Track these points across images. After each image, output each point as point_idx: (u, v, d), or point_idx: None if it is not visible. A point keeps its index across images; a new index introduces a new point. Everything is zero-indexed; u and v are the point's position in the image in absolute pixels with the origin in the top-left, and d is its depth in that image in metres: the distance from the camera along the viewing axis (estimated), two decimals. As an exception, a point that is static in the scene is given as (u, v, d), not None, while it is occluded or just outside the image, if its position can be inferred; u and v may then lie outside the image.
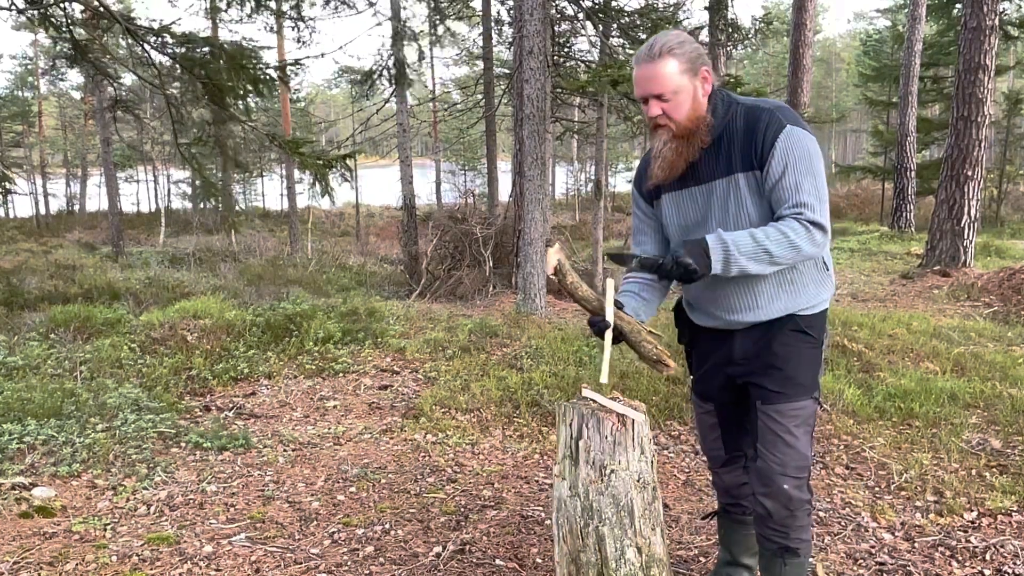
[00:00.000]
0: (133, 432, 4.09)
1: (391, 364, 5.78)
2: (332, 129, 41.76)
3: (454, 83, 34.05)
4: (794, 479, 2.18)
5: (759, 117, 2.02)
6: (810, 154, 1.98)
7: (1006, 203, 21.77)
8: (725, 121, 2.06)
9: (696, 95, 2.03)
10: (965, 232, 9.68)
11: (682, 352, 2.56)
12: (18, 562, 2.86)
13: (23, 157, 34.02)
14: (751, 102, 2.08)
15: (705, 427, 2.45)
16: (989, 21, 9.25)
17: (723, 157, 2.06)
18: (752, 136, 2.01)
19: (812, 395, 2.20)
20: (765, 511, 2.22)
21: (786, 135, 1.98)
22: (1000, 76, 21.72)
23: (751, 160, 2.02)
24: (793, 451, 2.17)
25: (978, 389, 4.62)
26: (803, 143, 1.98)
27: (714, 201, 2.10)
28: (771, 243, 1.94)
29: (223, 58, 8.01)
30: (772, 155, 1.98)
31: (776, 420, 2.17)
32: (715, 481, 2.56)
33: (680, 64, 1.99)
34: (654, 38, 2.03)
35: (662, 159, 2.09)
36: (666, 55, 1.98)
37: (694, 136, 2.05)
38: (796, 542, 2.23)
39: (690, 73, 2.01)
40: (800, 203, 1.96)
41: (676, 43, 2.00)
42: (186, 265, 16.12)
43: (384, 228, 30.40)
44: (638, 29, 12.08)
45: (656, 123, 2.07)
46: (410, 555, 2.96)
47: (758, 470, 2.22)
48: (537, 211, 8.12)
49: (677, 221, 2.21)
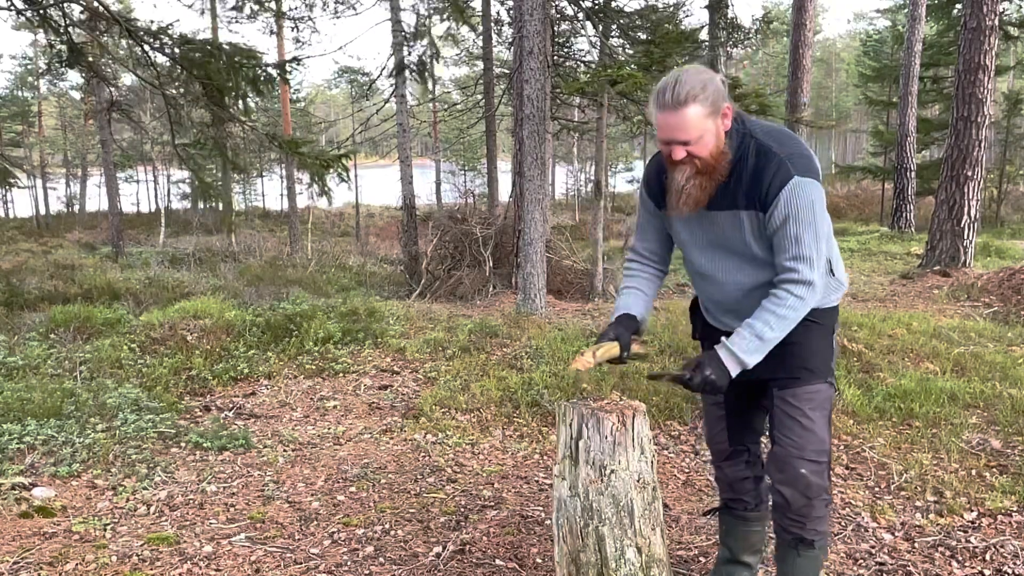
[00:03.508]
0: (133, 432, 4.09)
1: (391, 364, 5.78)
2: (332, 129, 41.75)
3: (454, 83, 34.06)
4: (812, 463, 2.17)
5: (768, 163, 2.02)
6: (812, 205, 2.00)
7: (1006, 203, 21.77)
8: (738, 155, 2.06)
9: (719, 133, 2.03)
10: (965, 232, 9.68)
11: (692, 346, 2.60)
12: (18, 562, 2.86)
13: (23, 157, 34.00)
14: (764, 139, 2.06)
15: (712, 418, 2.46)
16: (989, 21, 9.25)
17: (730, 191, 2.08)
18: (759, 179, 2.03)
19: (826, 379, 2.21)
20: (783, 499, 2.21)
21: (791, 187, 1.99)
22: (1000, 76, 21.73)
23: (755, 201, 2.04)
24: (810, 434, 2.17)
25: (978, 389, 4.62)
26: (807, 194, 1.99)
27: (718, 230, 2.15)
28: (771, 330, 2.05)
29: (222, 58, 8.01)
30: (776, 204, 2.00)
31: (791, 404, 2.19)
32: (717, 475, 2.56)
33: (704, 109, 1.97)
34: (676, 80, 1.98)
35: (686, 195, 2.09)
36: (691, 102, 1.95)
37: (716, 171, 2.06)
38: (812, 533, 2.22)
39: (713, 116, 2.00)
40: (797, 256, 2.02)
41: (699, 87, 1.97)
42: (186, 265, 16.12)
43: (384, 228, 30.41)
44: (638, 29, 12.09)
45: (679, 161, 2.06)
46: (410, 555, 2.96)
47: (775, 455, 2.22)
48: (537, 211, 8.12)
49: (686, 237, 2.25)
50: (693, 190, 2.07)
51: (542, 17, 7.96)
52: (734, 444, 2.43)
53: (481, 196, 21.25)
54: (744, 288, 2.18)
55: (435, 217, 15.16)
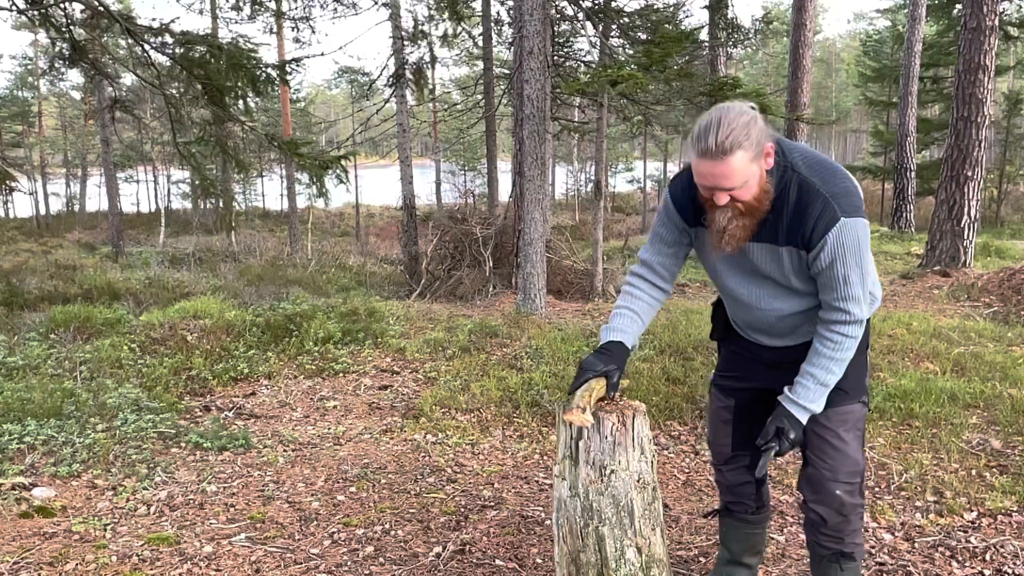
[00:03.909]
0: (133, 432, 4.09)
1: (391, 364, 5.78)
2: (332, 129, 41.78)
3: (454, 83, 34.06)
4: (846, 484, 2.16)
5: (812, 201, 1.94)
6: (859, 245, 1.95)
7: (1006, 203, 21.79)
8: (779, 189, 1.98)
9: (762, 175, 1.95)
10: (965, 232, 9.67)
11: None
12: (18, 562, 2.86)
13: (23, 157, 34.02)
14: (806, 174, 1.97)
15: (718, 421, 2.44)
16: (989, 21, 9.24)
17: (769, 223, 2.00)
18: (803, 219, 1.95)
19: (860, 399, 2.18)
20: (818, 517, 2.20)
21: (838, 229, 1.92)
22: (1000, 76, 21.73)
23: (797, 239, 1.98)
24: (843, 456, 2.16)
25: (978, 389, 4.62)
26: (853, 235, 1.93)
27: (754, 260, 2.09)
28: (831, 375, 2.05)
29: (222, 58, 8.01)
30: (822, 247, 1.94)
31: (824, 425, 2.15)
32: (718, 478, 2.54)
33: (749, 154, 1.88)
34: (718, 125, 1.87)
35: (729, 236, 2.00)
36: (736, 150, 1.85)
37: (759, 211, 1.98)
38: (851, 546, 2.22)
39: (757, 159, 1.91)
40: (846, 296, 1.99)
41: (743, 133, 1.86)
42: (186, 265, 16.12)
43: (384, 228, 30.44)
44: (638, 29, 12.09)
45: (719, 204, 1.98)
46: (410, 555, 2.96)
47: (808, 476, 2.21)
48: (537, 211, 8.12)
49: (718, 263, 2.19)
50: (737, 231, 1.99)
51: (542, 17, 7.96)
52: (737, 449, 2.41)
53: (481, 196, 21.26)
54: (781, 314, 2.15)
55: (435, 217, 15.18)
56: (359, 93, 24.53)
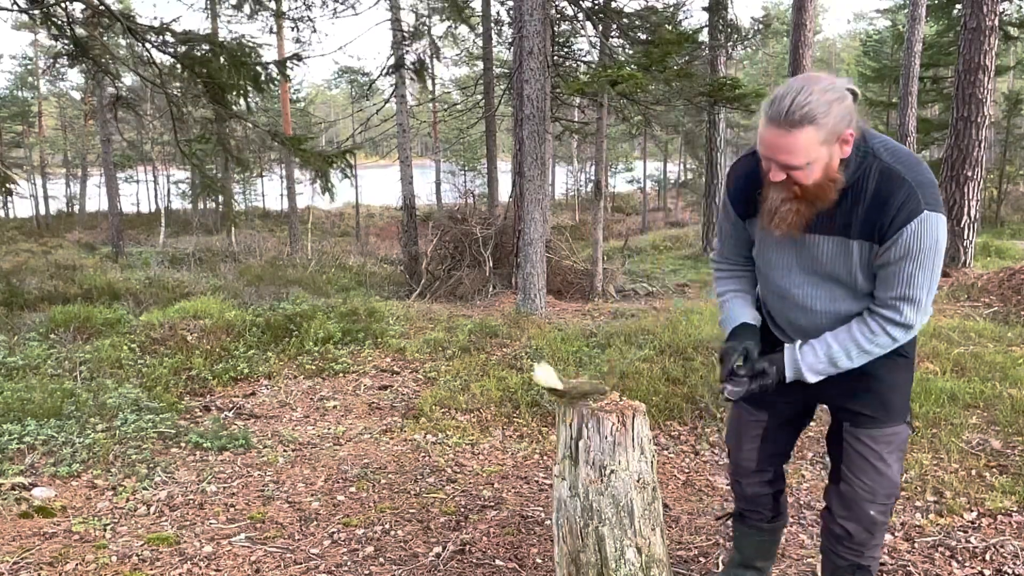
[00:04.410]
0: (133, 432, 4.09)
1: (391, 364, 5.78)
2: (332, 129, 41.77)
3: (454, 83, 34.05)
4: (881, 505, 2.08)
5: (895, 190, 1.75)
6: (937, 244, 1.76)
7: (1006, 203, 21.79)
8: (855, 177, 1.80)
9: (832, 162, 1.75)
10: (965, 232, 9.68)
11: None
12: (18, 562, 2.86)
13: (23, 157, 34.03)
14: (889, 160, 1.78)
15: (746, 435, 2.29)
16: (989, 21, 9.25)
17: (841, 216, 1.83)
18: (882, 208, 1.77)
19: (905, 419, 2.06)
20: (845, 532, 2.12)
21: (920, 222, 1.73)
22: (1000, 76, 21.73)
23: (872, 231, 1.80)
24: (883, 478, 2.05)
25: (978, 389, 4.62)
26: (933, 232, 1.74)
27: (817, 255, 1.90)
28: (848, 360, 1.92)
29: (223, 56, 8.02)
30: (898, 238, 1.75)
31: (868, 446, 2.04)
32: (735, 489, 2.44)
33: (820, 134, 1.69)
34: (798, 91, 1.69)
35: (779, 219, 1.84)
36: (806, 124, 1.67)
37: (819, 199, 1.80)
38: (869, 560, 2.17)
39: (830, 142, 1.72)
40: (906, 297, 1.82)
41: (822, 108, 1.68)
42: (186, 265, 16.13)
43: (384, 228, 30.44)
44: (637, 30, 12.09)
45: (778, 181, 1.81)
46: (410, 555, 2.96)
47: (842, 495, 2.10)
48: (537, 211, 8.12)
49: (772, 256, 2.03)
50: (788, 215, 1.83)
51: (542, 17, 7.96)
52: (761, 466, 2.31)
53: (481, 196, 21.25)
54: (839, 318, 1.97)
55: (435, 217, 15.18)
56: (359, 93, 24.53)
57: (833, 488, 2.15)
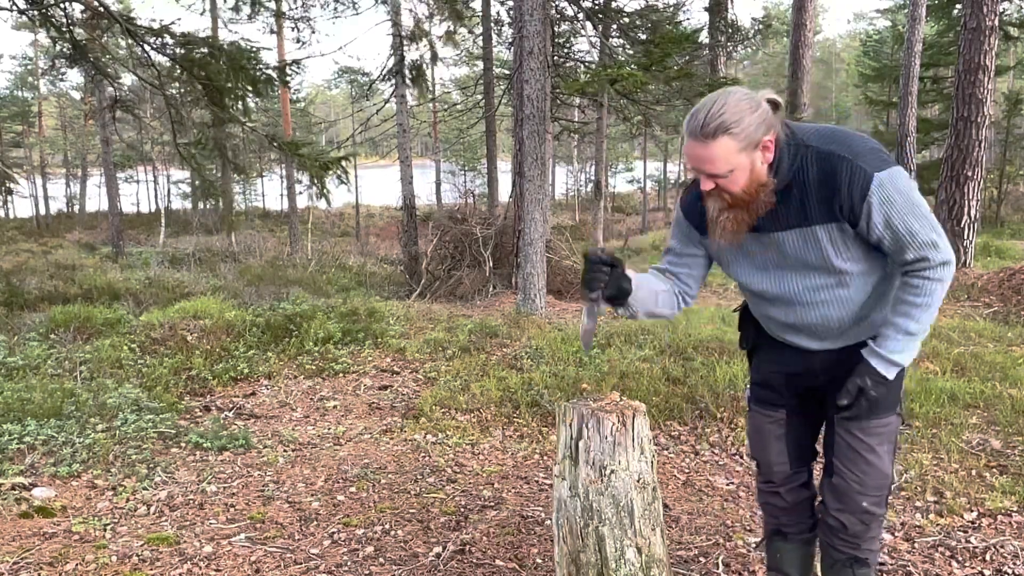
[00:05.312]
0: (133, 432, 4.09)
1: (391, 364, 5.78)
2: (332, 129, 41.78)
3: (454, 83, 34.06)
4: (873, 496, 2.09)
5: (837, 168, 1.82)
6: (908, 192, 1.82)
7: (1006, 203, 21.79)
8: (793, 170, 1.87)
9: (755, 167, 1.83)
10: (965, 232, 9.68)
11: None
12: (18, 562, 2.86)
13: (23, 157, 34.04)
14: (821, 145, 1.86)
15: (769, 438, 2.25)
16: (989, 21, 9.25)
17: (794, 207, 1.89)
18: (833, 189, 1.83)
19: (896, 410, 2.08)
20: (839, 524, 2.13)
21: (877, 186, 1.80)
22: (1000, 76, 21.74)
23: (833, 213, 1.85)
24: (874, 469, 2.06)
25: (978, 389, 4.62)
26: (894, 186, 1.81)
27: (787, 250, 1.96)
28: (916, 323, 1.90)
29: (222, 58, 8.02)
30: (870, 211, 1.81)
31: (858, 437, 2.06)
32: (773, 503, 2.33)
33: (737, 143, 1.78)
34: (712, 105, 1.79)
35: (721, 228, 1.93)
36: (721, 135, 1.76)
37: (752, 205, 1.88)
38: (866, 552, 2.16)
39: (748, 149, 1.80)
40: (921, 244, 1.85)
41: (733, 119, 1.77)
42: (186, 265, 16.13)
43: (384, 228, 30.42)
44: (637, 30, 12.10)
45: (709, 191, 1.90)
46: (410, 555, 2.96)
47: (834, 487, 2.12)
48: (537, 211, 8.12)
49: (737, 259, 2.06)
50: (727, 223, 1.91)
51: (542, 17, 7.96)
52: (796, 466, 2.26)
53: (481, 196, 21.26)
54: (820, 299, 2.01)
55: (435, 217, 15.18)
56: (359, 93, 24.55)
57: (826, 481, 2.17)
